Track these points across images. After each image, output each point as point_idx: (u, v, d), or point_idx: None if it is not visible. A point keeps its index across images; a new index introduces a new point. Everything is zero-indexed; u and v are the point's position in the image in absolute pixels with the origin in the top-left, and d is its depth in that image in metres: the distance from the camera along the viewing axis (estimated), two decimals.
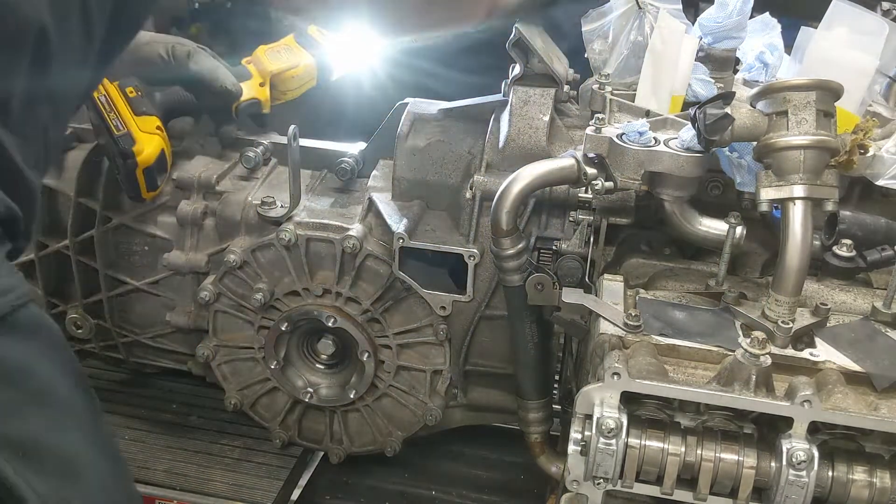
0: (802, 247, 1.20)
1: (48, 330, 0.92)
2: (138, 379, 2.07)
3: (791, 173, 1.19)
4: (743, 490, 1.10)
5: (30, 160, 0.94)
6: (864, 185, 1.44)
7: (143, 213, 1.77)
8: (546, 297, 1.46)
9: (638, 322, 1.23)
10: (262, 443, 1.89)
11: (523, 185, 1.39)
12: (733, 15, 1.46)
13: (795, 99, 1.19)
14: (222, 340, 1.80)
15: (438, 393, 1.76)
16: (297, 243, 1.66)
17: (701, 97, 1.46)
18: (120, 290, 1.84)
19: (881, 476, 1.09)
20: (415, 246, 1.60)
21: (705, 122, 1.20)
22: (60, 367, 0.92)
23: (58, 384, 0.91)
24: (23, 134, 0.92)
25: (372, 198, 1.69)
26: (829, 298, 1.36)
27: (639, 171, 1.30)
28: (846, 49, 1.43)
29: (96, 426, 0.98)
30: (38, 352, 0.88)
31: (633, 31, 1.55)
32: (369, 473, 1.90)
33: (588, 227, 1.53)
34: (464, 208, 1.64)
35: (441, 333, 1.69)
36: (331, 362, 1.82)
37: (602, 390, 1.11)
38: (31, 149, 0.96)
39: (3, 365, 0.84)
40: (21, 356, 0.86)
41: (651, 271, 1.45)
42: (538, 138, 1.59)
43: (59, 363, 0.92)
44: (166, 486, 1.76)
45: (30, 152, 0.95)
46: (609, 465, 1.10)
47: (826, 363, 1.19)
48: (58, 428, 0.89)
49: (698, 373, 1.19)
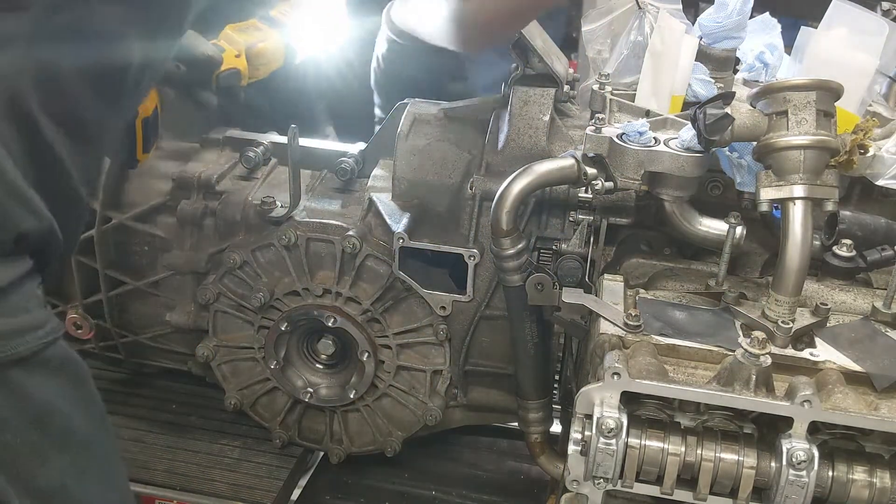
0: (802, 247, 1.20)
1: (74, 365, 0.92)
2: (138, 379, 2.07)
3: (791, 173, 1.19)
4: (743, 490, 1.10)
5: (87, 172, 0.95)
6: (864, 185, 1.44)
7: (144, 213, 1.77)
8: (546, 297, 1.46)
9: (638, 322, 1.23)
10: (262, 443, 1.89)
11: (523, 185, 1.39)
12: (733, 15, 1.46)
13: (795, 99, 1.19)
14: (222, 340, 1.80)
15: (438, 393, 1.76)
16: (297, 243, 1.66)
17: (701, 97, 1.46)
18: (120, 290, 1.84)
19: (881, 476, 1.09)
20: (415, 246, 1.60)
21: (705, 122, 1.20)
22: (83, 404, 0.93)
23: (79, 424, 0.92)
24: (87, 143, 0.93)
25: (372, 198, 1.69)
26: (829, 298, 1.36)
27: (639, 171, 1.30)
28: (846, 49, 1.43)
29: (111, 467, 0.99)
30: (63, 390, 0.89)
31: (633, 31, 1.55)
32: (369, 473, 1.90)
33: (588, 227, 1.53)
34: (464, 208, 1.64)
35: (441, 333, 1.69)
36: (331, 362, 1.82)
37: (602, 390, 1.11)
38: (92, 157, 0.96)
39: (30, 406, 0.84)
40: (46, 396, 0.86)
41: (651, 271, 1.45)
42: (538, 138, 1.59)
43: (82, 401, 0.93)
44: (166, 486, 1.76)
45: (89, 161, 0.96)
46: (609, 465, 1.10)
47: (826, 363, 1.19)
48: (76, 474, 0.90)
49: (698, 373, 1.19)
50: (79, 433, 0.91)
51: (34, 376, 0.84)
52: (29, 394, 0.84)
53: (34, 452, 0.84)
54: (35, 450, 0.84)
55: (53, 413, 0.87)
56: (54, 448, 0.87)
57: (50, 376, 0.87)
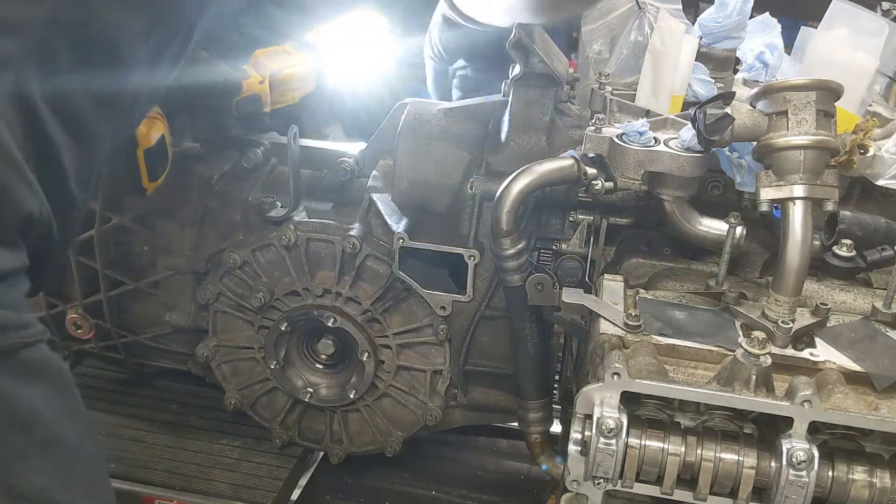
0: (802, 247, 1.20)
1: (58, 372, 0.91)
2: (138, 379, 2.07)
3: (791, 173, 1.19)
4: (743, 490, 1.10)
5: (81, 174, 0.95)
6: (864, 185, 1.44)
7: (144, 213, 1.77)
8: (546, 297, 1.46)
9: (638, 322, 1.23)
10: (262, 443, 1.89)
11: (523, 185, 1.39)
12: (733, 15, 1.46)
13: (795, 99, 1.19)
14: (222, 340, 1.80)
15: (438, 393, 1.76)
16: (297, 243, 1.66)
17: (701, 97, 1.46)
18: (120, 290, 1.84)
19: (881, 476, 1.09)
20: (415, 246, 1.60)
21: (705, 122, 1.20)
22: (67, 410, 0.91)
23: (64, 430, 0.90)
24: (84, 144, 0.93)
25: (372, 198, 1.69)
26: (829, 298, 1.36)
27: (639, 171, 1.31)
28: (846, 49, 1.43)
29: (96, 474, 0.98)
30: (47, 395, 0.88)
31: (633, 31, 1.55)
32: (369, 473, 1.90)
33: (588, 227, 1.53)
34: (464, 208, 1.64)
35: (441, 333, 1.69)
36: (331, 362, 1.82)
37: (602, 390, 1.11)
38: (88, 161, 0.96)
39: (14, 408, 0.83)
40: (30, 400, 0.85)
41: (651, 271, 1.45)
42: (538, 138, 1.59)
43: (66, 407, 0.91)
44: (166, 486, 1.76)
45: (84, 165, 0.96)
46: (609, 465, 1.10)
47: (826, 363, 1.19)
48: (61, 480, 0.88)
49: (698, 373, 1.19)
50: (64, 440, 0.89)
51: (16, 379, 0.83)
52: (9, 394, 0.83)
53: (17, 454, 0.83)
54: (17, 452, 0.83)
55: (36, 418, 0.85)
56: (39, 451, 0.86)
57: (34, 381, 0.85)
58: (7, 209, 0.84)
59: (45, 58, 0.87)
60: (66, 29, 0.88)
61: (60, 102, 0.90)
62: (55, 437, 0.88)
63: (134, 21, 0.95)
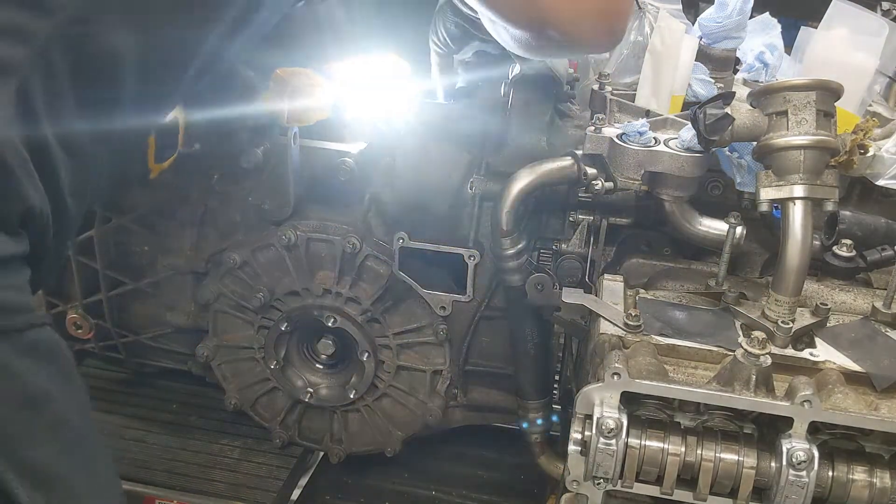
0: (802, 247, 1.20)
1: (65, 358, 0.92)
2: (138, 379, 2.07)
3: (791, 173, 1.19)
4: (743, 490, 1.10)
5: (76, 187, 0.95)
6: (864, 185, 1.43)
7: (144, 213, 1.77)
8: (546, 297, 1.46)
9: (638, 322, 1.23)
10: (262, 443, 1.89)
11: (523, 185, 1.39)
12: (733, 15, 1.46)
13: (795, 99, 1.19)
14: (222, 340, 1.80)
15: (438, 393, 1.76)
16: (297, 243, 1.66)
17: (701, 97, 1.46)
18: (120, 290, 1.84)
19: (881, 476, 1.09)
20: (415, 246, 1.60)
21: (705, 122, 1.20)
22: (73, 395, 0.92)
23: (72, 414, 0.91)
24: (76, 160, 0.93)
25: (372, 198, 1.69)
26: (829, 298, 1.36)
27: (639, 171, 1.31)
28: (846, 49, 1.43)
29: (104, 462, 0.98)
30: (54, 377, 0.88)
31: (633, 31, 1.55)
32: (369, 473, 1.90)
33: (588, 227, 1.53)
34: (464, 208, 1.64)
35: (441, 333, 1.69)
36: (331, 362, 1.82)
37: (602, 390, 1.11)
38: (82, 177, 0.96)
39: (24, 385, 0.83)
40: (41, 381, 0.85)
41: (651, 271, 1.45)
42: (538, 138, 1.59)
43: (72, 391, 0.92)
44: (166, 486, 1.76)
45: (80, 180, 0.96)
46: (609, 465, 1.10)
47: (826, 363, 1.19)
48: (68, 461, 0.89)
49: (698, 373, 1.19)
50: (72, 424, 0.90)
51: (26, 356, 0.84)
52: (19, 371, 0.83)
53: (27, 432, 0.84)
54: (27, 429, 0.84)
55: (47, 398, 0.86)
56: (48, 431, 0.86)
57: (43, 363, 0.86)
58: (13, 198, 0.85)
59: (47, 73, 0.88)
60: (66, 44, 0.88)
61: (57, 116, 0.90)
62: (64, 419, 0.89)
63: (135, 45, 0.95)
